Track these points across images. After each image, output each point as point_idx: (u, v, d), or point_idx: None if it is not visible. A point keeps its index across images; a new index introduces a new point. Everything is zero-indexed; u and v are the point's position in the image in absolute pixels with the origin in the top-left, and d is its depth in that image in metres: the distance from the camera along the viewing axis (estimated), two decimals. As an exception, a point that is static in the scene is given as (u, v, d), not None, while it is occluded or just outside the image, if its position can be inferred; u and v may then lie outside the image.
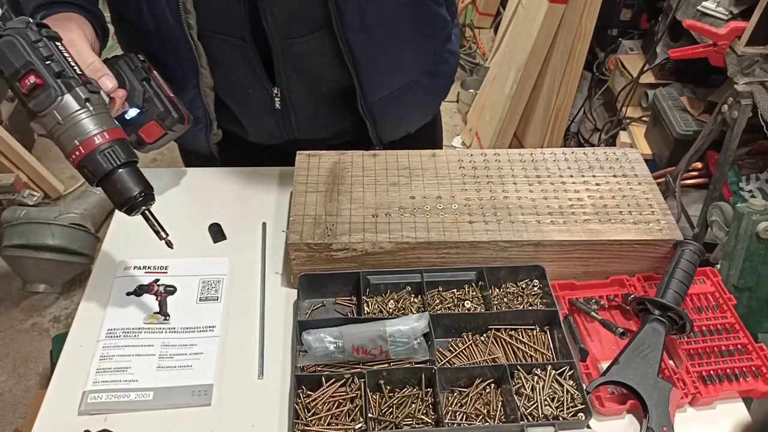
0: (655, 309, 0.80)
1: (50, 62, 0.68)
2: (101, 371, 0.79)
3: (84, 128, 0.68)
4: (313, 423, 0.73)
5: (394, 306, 0.85)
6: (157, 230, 0.73)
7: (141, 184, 0.71)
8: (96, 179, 0.69)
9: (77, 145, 0.68)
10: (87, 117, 0.68)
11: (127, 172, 0.70)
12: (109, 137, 0.69)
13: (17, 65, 0.67)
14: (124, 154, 0.70)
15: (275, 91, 0.97)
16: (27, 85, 0.66)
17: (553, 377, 0.77)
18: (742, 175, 1.85)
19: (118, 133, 0.71)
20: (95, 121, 0.69)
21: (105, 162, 0.69)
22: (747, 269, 1.20)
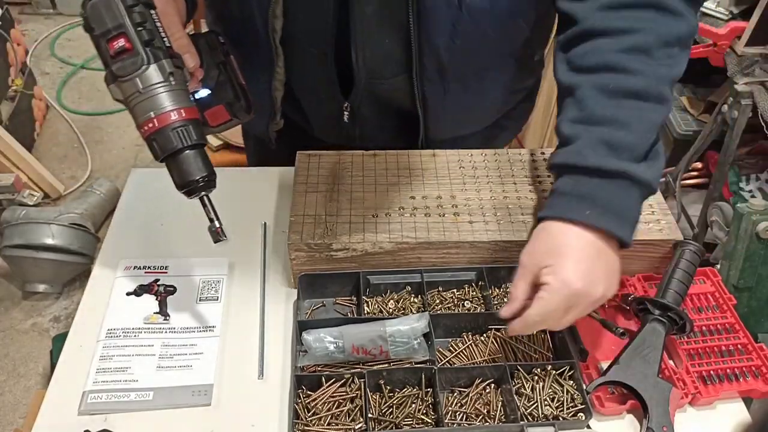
0: (655, 309, 0.80)
1: (142, 29, 0.67)
2: (101, 371, 0.79)
3: (162, 102, 0.67)
4: (313, 423, 0.73)
5: (394, 306, 0.85)
6: (212, 218, 0.72)
7: (206, 168, 0.70)
8: (163, 155, 0.68)
9: (152, 117, 0.67)
10: (167, 91, 0.67)
11: (195, 153, 0.69)
12: (185, 115, 0.68)
13: (110, 25, 0.66)
14: (195, 135, 0.69)
15: (346, 104, 0.97)
16: (115, 47, 0.65)
17: (553, 377, 0.77)
18: (742, 175, 1.85)
19: (194, 113, 0.70)
20: (174, 97, 0.68)
21: (176, 139, 0.67)
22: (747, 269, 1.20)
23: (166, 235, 0.98)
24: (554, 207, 0.72)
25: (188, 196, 0.70)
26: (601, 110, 0.71)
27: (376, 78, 0.91)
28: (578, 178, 0.71)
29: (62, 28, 3.42)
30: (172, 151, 0.67)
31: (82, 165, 2.67)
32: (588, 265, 0.68)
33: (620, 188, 0.70)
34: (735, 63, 1.56)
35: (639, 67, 0.71)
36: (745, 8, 1.61)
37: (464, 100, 0.96)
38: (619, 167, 0.69)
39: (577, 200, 0.70)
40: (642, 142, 0.70)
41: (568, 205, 0.70)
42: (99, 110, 2.93)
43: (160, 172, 1.09)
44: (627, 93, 0.71)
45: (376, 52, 0.88)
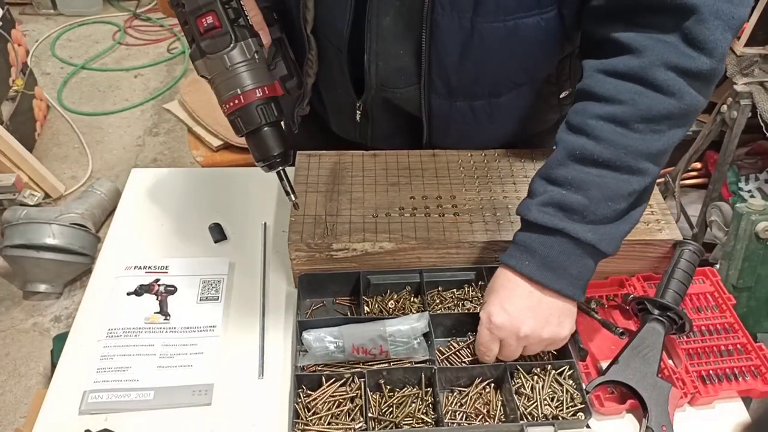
0: (655, 309, 0.81)
1: (229, 8, 0.69)
2: (102, 371, 0.79)
3: (247, 79, 0.70)
4: (313, 422, 0.74)
5: (394, 306, 0.85)
6: (287, 191, 0.75)
7: (284, 144, 0.73)
8: (246, 131, 0.71)
9: (238, 93, 0.69)
10: (252, 69, 0.70)
11: (273, 130, 0.72)
12: (267, 93, 0.71)
13: (200, 3, 0.68)
14: (276, 112, 0.72)
15: (358, 104, 0.97)
16: (204, 24, 0.68)
17: (553, 377, 0.78)
18: (741, 176, 1.86)
19: (275, 90, 0.73)
20: (258, 75, 0.71)
21: (259, 116, 0.70)
22: (746, 269, 1.21)
23: (167, 235, 0.98)
24: (506, 253, 0.77)
25: (266, 170, 0.73)
26: (564, 172, 0.73)
27: (388, 87, 0.91)
28: (528, 231, 0.75)
29: (63, 29, 3.42)
30: (255, 127, 0.71)
31: (83, 165, 2.67)
32: (516, 305, 0.75)
33: (561, 245, 0.73)
34: (734, 63, 1.56)
35: (610, 137, 0.72)
36: (745, 8, 1.61)
37: (471, 119, 0.95)
38: (558, 225, 0.72)
39: (520, 251, 0.75)
40: (599, 208, 0.72)
41: (513, 254, 0.76)
42: (99, 110, 2.94)
43: (161, 172, 1.10)
44: (591, 161, 0.72)
45: (389, 63, 0.88)
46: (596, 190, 0.72)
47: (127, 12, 3.54)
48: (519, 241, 0.76)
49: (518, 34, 0.81)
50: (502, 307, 0.75)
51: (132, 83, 3.11)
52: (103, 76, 3.13)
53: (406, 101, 0.93)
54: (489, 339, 0.76)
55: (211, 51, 0.69)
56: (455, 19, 0.80)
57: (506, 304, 0.75)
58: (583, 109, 0.74)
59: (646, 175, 0.73)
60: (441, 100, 0.91)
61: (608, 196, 0.72)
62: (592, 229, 0.72)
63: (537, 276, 0.73)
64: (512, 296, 0.75)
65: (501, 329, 0.75)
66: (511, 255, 0.76)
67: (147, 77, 3.14)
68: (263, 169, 0.74)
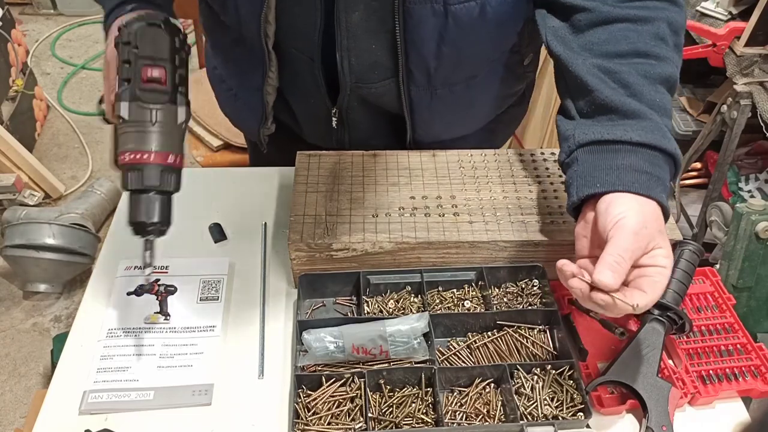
0: (655, 309, 0.81)
1: (177, 72, 0.69)
2: (102, 371, 0.79)
3: (164, 141, 0.68)
4: (313, 423, 0.74)
5: (394, 306, 0.85)
6: (146, 263, 0.71)
7: (167, 218, 0.70)
8: (138, 188, 0.68)
9: (151, 150, 0.67)
10: (171, 134, 0.68)
11: (165, 199, 0.70)
12: (177, 163, 0.69)
13: (154, 54, 0.67)
14: (174, 185, 0.70)
15: (334, 110, 0.98)
16: (149, 74, 0.66)
17: (553, 377, 0.78)
18: (741, 176, 1.85)
19: (182, 163, 0.70)
20: (174, 142, 0.69)
21: (160, 180, 0.67)
22: (746, 269, 1.21)
23: (166, 235, 0.98)
24: (650, 187, 0.70)
25: (136, 234, 0.70)
26: (652, 96, 0.73)
27: (363, 82, 0.91)
28: (656, 159, 0.71)
29: (63, 29, 3.43)
30: (151, 188, 0.67)
31: (83, 165, 2.67)
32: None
33: (669, 168, 0.73)
34: (734, 63, 1.56)
35: (665, 54, 0.74)
36: (745, 8, 1.62)
37: (452, 106, 0.96)
38: (677, 152, 0.72)
39: (656, 181, 0.70)
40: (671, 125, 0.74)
41: (656, 186, 0.70)
42: (100, 110, 2.94)
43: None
44: (661, 79, 0.74)
45: (362, 58, 0.88)
46: (669, 111, 0.75)
47: (127, 12, 3.54)
48: (651, 170, 0.70)
49: (489, 9, 0.81)
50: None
51: (132, 83, 3.11)
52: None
53: (384, 98, 0.93)
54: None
55: (145, 101, 0.67)
56: (428, 6, 0.80)
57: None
58: (617, 35, 0.76)
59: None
60: (421, 91, 0.92)
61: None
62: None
63: (668, 208, 0.71)
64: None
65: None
66: (654, 187, 0.69)
67: (147, 77, 3.14)
68: (133, 230, 0.70)
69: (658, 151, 0.71)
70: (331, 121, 0.99)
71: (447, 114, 0.97)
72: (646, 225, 0.67)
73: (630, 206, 0.68)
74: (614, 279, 0.64)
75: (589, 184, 0.71)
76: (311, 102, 0.99)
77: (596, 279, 0.64)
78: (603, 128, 0.73)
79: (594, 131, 0.73)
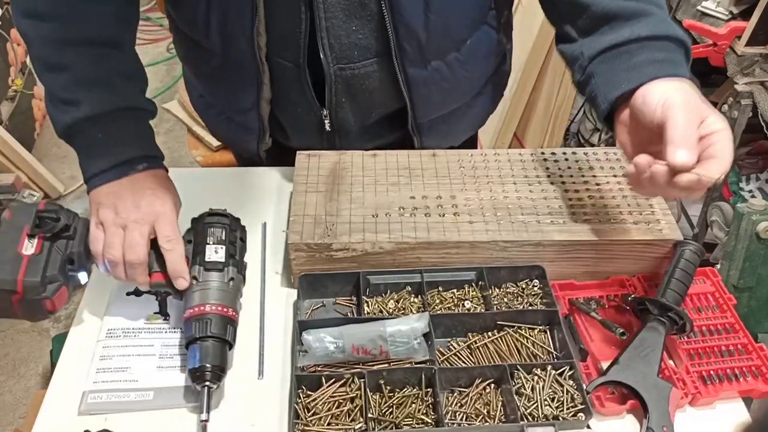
0: (655, 309, 0.80)
1: (231, 248, 0.83)
2: (101, 371, 0.79)
3: (224, 297, 0.79)
4: (313, 423, 0.73)
5: (394, 306, 0.85)
6: (204, 409, 0.73)
7: (224, 365, 0.76)
8: (204, 336, 0.75)
9: (213, 303, 0.78)
10: (232, 293, 0.81)
11: (224, 347, 0.77)
12: (234, 315, 0.80)
13: (209, 241, 0.82)
14: (232, 336, 0.78)
15: (324, 113, 0.98)
16: (211, 254, 0.81)
17: (553, 377, 0.77)
18: (742, 175, 1.85)
19: (237, 316, 0.81)
20: (232, 298, 0.81)
21: (224, 330, 0.77)
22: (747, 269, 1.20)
23: (166, 235, 0.98)
24: (673, 69, 0.72)
25: (196, 381, 0.74)
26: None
27: (344, 63, 0.91)
28: (668, 47, 0.74)
29: (62, 28, 3.42)
30: (211, 335, 0.75)
31: (82, 165, 2.67)
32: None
33: (681, 53, 0.76)
34: (735, 63, 1.56)
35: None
36: (745, 8, 1.61)
37: (449, 76, 0.97)
38: (684, 37, 0.76)
39: (676, 64, 0.73)
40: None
41: (677, 68, 0.73)
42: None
43: (160, 172, 1.10)
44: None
45: (341, 37, 0.88)
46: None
47: (127, 12, 3.54)
48: (679, 60, 0.74)
49: None
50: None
51: (132, 83, 3.10)
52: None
53: (371, 82, 0.94)
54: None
55: (208, 269, 0.80)
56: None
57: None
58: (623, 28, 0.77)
59: None
60: (416, 67, 0.92)
61: None
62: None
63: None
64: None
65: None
66: (673, 69, 0.72)
67: (147, 77, 3.14)
68: (192, 378, 0.75)
69: (668, 40, 0.74)
70: (324, 125, 0.99)
71: (444, 85, 0.98)
72: (688, 100, 0.68)
73: (666, 88, 0.69)
74: (690, 155, 0.64)
75: (614, 88, 0.73)
76: (299, 111, 0.99)
77: (672, 160, 0.64)
78: (609, 36, 0.75)
79: (601, 41, 0.75)
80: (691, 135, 0.65)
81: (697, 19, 1.68)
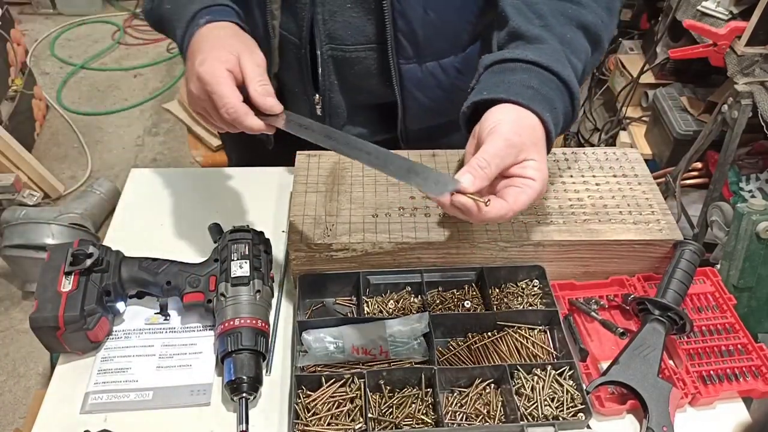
0: (655, 309, 0.81)
1: (256, 262, 0.84)
2: (102, 372, 0.79)
3: (254, 310, 0.81)
4: (313, 423, 0.73)
5: (394, 306, 0.85)
6: (241, 419, 0.74)
7: (260, 376, 0.78)
8: (239, 348, 0.77)
9: (245, 317, 0.79)
10: (262, 305, 0.82)
11: (257, 358, 0.78)
12: (265, 327, 0.81)
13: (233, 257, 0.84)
14: (265, 348, 0.80)
15: (316, 98, 0.98)
16: (238, 270, 0.82)
17: (553, 377, 0.77)
18: (742, 175, 1.85)
19: (268, 327, 0.82)
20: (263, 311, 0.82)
21: (256, 341, 0.78)
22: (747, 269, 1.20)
23: (166, 235, 0.98)
24: (533, 100, 0.70)
25: (232, 392, 0.76)
26: (562, 31, 0.76)
27: (336, 43, 0.91)
28: (547, 81, 0.72)
29: (62, 28, 3.43)
30: (248, 348, 0.77)
31: (82, 165, 2.67)
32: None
33: (562, 97, 0.73)
34: (735, 63, 1.56)
35: (589, 3, 0.79)
36: (745, 8, 1.61)
37: (443, 82, 0.97)
38: (572, 81, 0.73)
39: (541, 98, 0.70)
40: (580, 68, 0.76)
41: (540, 102, 0.70)
42: (99, 110, 2.93)
43: (160, 172, 1.10)
44: (578, 23, 0.78)
45: (338, 18, 0.89)
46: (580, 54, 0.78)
47: (127, 12, 3.54)
48: (538, 87, 0.71)
49: None
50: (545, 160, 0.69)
51: (131, 83, 3.11)
52: (103, 76, 3.13)
53: (364, 69, 0.94)
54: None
55: (235, 284, 0.81)
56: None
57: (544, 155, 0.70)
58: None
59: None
60: (410, 64, 0.93)
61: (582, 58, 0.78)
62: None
63: (554, 131, 0.71)
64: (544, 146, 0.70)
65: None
66: (540, 103, 0.70)
67: (146, 77, 3.14)
68: (229, 390, 0.76)
69: (551, 73, 0.72)
70: (316, 110, 1.00)
71: (437, 91, 0.98)
72: (519, 134, 0.67)
73: (506, 116, 0.68)
74: (472, 182, 0.64)
75: (478, 94, 0.72)
76: (296, 92, 1.00)
77: (456, 179, 0.64)
78: (507, 51, 0.75)
79: (499, 54, 0.75)
80: (488, 167, 0.65)
81: (697, 19, 1.68)
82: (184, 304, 0.82)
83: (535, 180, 0.66)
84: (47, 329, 0.77)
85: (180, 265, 0.85)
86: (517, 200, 0.66)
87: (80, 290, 0.78)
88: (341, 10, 0.88)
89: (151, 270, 0.83)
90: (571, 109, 0.74)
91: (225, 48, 0.74)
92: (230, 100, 0.71)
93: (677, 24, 1.81)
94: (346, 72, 0.95)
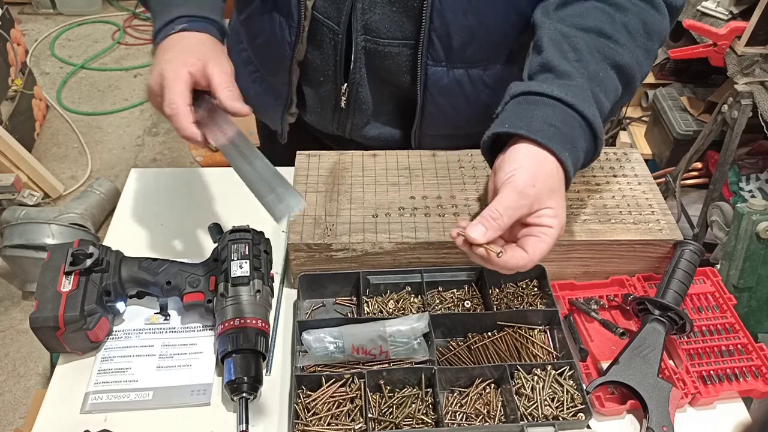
0: (655, 309, 0.81)
1: (256, 261, 0.84)
2: (102, 372, 0.79)
3: (253, 310, 0.80)
4: (313, 423, 0.73)
5: (394, 306, 0.85)
6: (242, 420, 0.74)
7: (259, 376, 0.77)
8: (239, 348, 0.77)
9: (245, 317, 0.79)
10: (262, 305, 0.82)
11: (257, 358, 0.78)
12: (265, 327, 0.80)
13: (233, 257, 0.83)
14: (265, 348, 0.80)
15: (344, 88, 0.98)
16: (237, 269, 0.82)
17: (553, 377, 0.77)
18: (742, 175, 1.85)
19: (268, 327, 0.82)
20: (262, 311, 0.81)
21: (256, 341, 0.78)
22: (747, 269, 1.20)
23: (166, 235, 0.98)
24: (553, 139, 0.69)
25: (232, 393, 0.76)
26: (595, 69, 0.75)
27: (372, 35, 0.91)
28: (571, 119, 0.72)
29: (62, 28, 3.43)
30: (247, 347, 0.77)
31: (82, 165, 2.67)
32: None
33: (584, 135, 0.73)
34: (735, 63, 1.56)
35: (627, 44, 0.77)
36: (745, 8, 1.61)
37: (468, 92, 0.96)
38: (596, 121, 0.72)
39: (562, 137, 0.70)
40: (608, 106, 0.76)
41: (560, 141, 0.70)
42: (99, 110, 2.94)
43: (160, 171, 1.10)
44: (613, 63, 0.76)
45: (377, 9, 0.89)
46: (611, 93, 0.78)
47: (127, 11, 3.54)
48: (561, 126, 0.70)
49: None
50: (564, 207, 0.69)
51: (131, 83, 3.11)
52: (103, 76, 3.14)
53: (395, 65, 0.93)
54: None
55: (235, 284, 0.81)
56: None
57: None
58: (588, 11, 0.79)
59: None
60: (438, 67, 0.92)
61: (613, 99, 0.78)
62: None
63: (572, 172, 0.71)
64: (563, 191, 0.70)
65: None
66: (560, 143, 0.69)
67: (146, 77, 3.13)
68: (229, 390, 0.76)
69: (575, 111, 0.72)
70: (340, 101, 0.99)
71: (460, 101, 0.97)
72: (534, 184, 0.67)
73: (523, 164, 0.68)
74: (482, 234, 0.65)
75: (500, 125, 0.72)
76: (321, 80, 0.99)
77: (466, 232, 0.66)
78: (535, 83, 0.74)
79: (526, 85, 0.75)
80: (501, 218, 0.66)
81: (697, 19, 1.68)
82: (184, 304, 0.82)
83: (552, 227, 0.68)
84: (47, 329, 0.77)
85: (180, 265, 0.85)
86: (536, 249, 0.67)
87: (80, 290, 0.78)
88: (381, 3, 0.88)
89: (151, 270, 0.83)
90: (593, 147, 0.74)
91: (194, 54, 0.75)
92: (176, 98, 0.73)
93: (677, 24, 1.81)
94: (376, 66, 0.94)
